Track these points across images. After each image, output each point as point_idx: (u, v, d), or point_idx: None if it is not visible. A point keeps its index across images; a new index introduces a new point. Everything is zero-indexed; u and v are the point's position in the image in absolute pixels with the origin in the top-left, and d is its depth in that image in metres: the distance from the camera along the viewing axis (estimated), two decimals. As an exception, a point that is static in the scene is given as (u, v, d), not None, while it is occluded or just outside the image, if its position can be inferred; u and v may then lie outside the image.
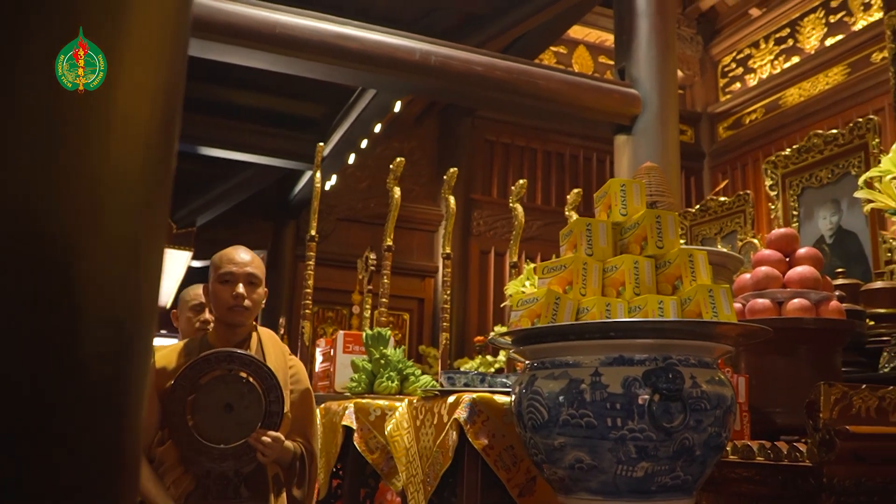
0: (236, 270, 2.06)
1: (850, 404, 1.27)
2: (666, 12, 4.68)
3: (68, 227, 0.39)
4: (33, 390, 0.36)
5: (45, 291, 0.36)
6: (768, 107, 8.28)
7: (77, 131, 0.44)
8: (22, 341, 0.35)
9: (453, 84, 4.15)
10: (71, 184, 0.40)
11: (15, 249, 0.36)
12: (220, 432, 1.91)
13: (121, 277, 0.41)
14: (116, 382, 0.40)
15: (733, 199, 3.48)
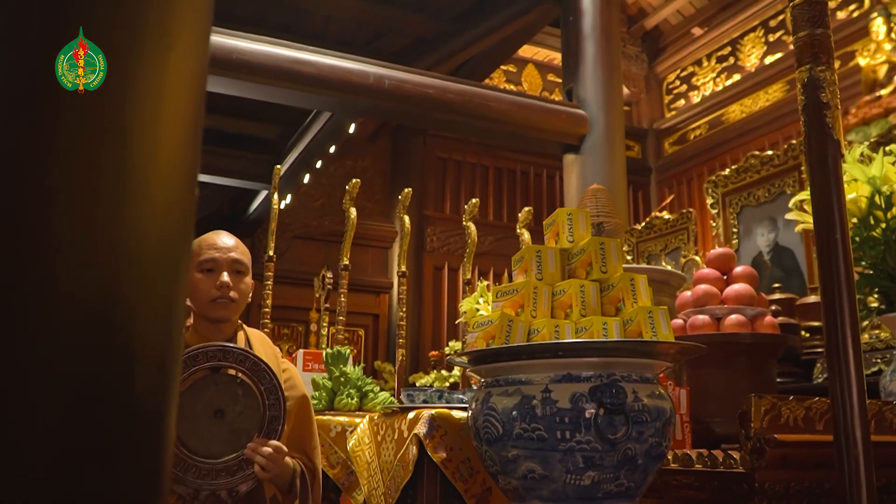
0: (219, 257, 1.78)
1: (778, 414, 1.38)
2: (611, 35, 4.86)
3: (126, 293, 0.46)
4: (104, 421, 0.44)
5: (110, 345, 0.44)
6: (712, 123, 8.59)
7: (129, 201, 0.50)
8: (94, 383, 0.43)
9: (407, 106, 4.24)
10: (127, 254, 0.47)
11: (88, 312, 0.43)
12: (209, 444, 1.61)
13: (161, 327, 0.49)
14: (160, 412, 0.48)
15: (677, 216, 3.63)
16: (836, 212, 0.87)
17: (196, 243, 1.81)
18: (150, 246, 0.51)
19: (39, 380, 0.43)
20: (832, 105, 0.89)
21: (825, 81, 0.90)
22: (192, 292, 1.79)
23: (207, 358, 1.64)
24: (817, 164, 0.90)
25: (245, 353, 1.67)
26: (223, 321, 1.80)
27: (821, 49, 0.91)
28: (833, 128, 0.88)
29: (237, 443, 1.62)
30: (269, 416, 1.66)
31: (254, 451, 1.60)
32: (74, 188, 0.48)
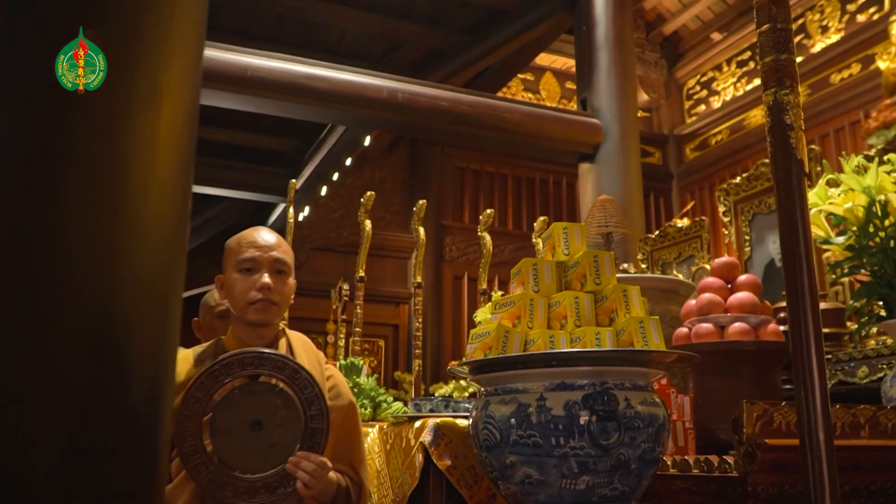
0: (260, 256, 1.66)
1: (770, 420, 1.42)
2: (624, 43, 4.89)
3: (124, 314, 0.53)
4: (101, 424, 0.51)
5: (108, 359, 0.51)
6: (733, 128, 8.56)
7: (128, 228, 0.57)
8: (94, 390, 0.50)
9: (420, 119, 4.32)
10: (125, 279, 0.54)
11: (91, 329, 0.51)
12: (247, 458, 1.48)
13: (156, 343, 0.56)
14: (153, 417, 0.55)
15: (690, 224, 3.65)
16: (800, 226, 0.91)
17: (235, 241, 1.71)
18: (145, 275, 0.57)
19: (48, 387, 0.50)
20: (796, 126, 0.93)
21: (789, 104, 0.94)
22: (231, 293, 1.67)
23: (243, 366, 1.51)
24: (783, 181, 0.94)
25: (284, 359, 1.53)
26: (263, 325, 1.67)
27: (785, 74, 0.95)
28: (796, 147, 0.93)
29: (277, 457, 1.49)
30: (311, 428, 1.52)
31: (295, 465, 1.48)
32: (82, 222, 0.54)
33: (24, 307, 0.49)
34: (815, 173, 3.15)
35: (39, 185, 0.52)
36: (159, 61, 0.59)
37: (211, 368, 1.50)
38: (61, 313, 0.50)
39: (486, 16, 5.37)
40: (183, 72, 0.63)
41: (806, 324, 0.90)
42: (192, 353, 1.70)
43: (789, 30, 0.99)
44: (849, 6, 7.18)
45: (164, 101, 0.60)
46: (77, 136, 0.54)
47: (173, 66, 0.61)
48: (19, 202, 0.50)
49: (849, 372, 2.22)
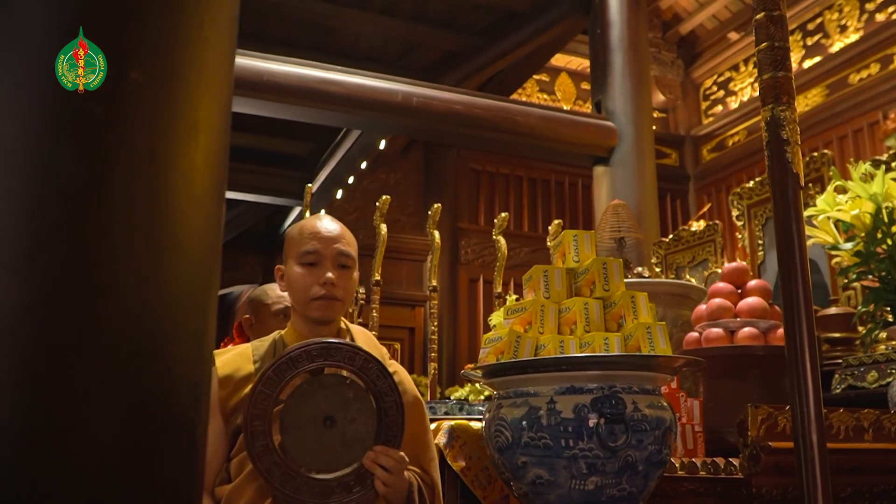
0: (323, 249, 1.57)
1: (775, 423, 1.46)
2: (639, 46, 4.92)
3: (168, 326, 0.59)
4: (150, 427, 0.57)
5: (155, 369, 0.57)
6: (750, 129, 8.53)
7: (171, 250, 0.62)
8: (145, 397, 0.56)
9: (435, 123, 4.38)
10: (170, 294, 0.60)
11: (140, 344, 0.56)
12: (320, 456, 1.39)
13: (196, 352, 0.62)
14: (195, 420, 0.61)
15: (704, 229, 3.68)
16: (796, 238, 0.96)
17: (296, 230, 1.62)
18: (185, 291, 0.63)
19: (103, 394, 0.55)
20: (792, 141, 0.98)
21: (786, 120, 0.99)
22: (292, 288, 1.59)
23: (310, 358, 1.41)
24: (779, 194, 0.99)
25: (354, 349, 1.44)
26: (325, 323, 1.60)
27: (782, 91, 1.00)
28: (792, 162, 0.97)
29: (351, 454, 1.40)
30: (386, 421, 1.44)
31: (373, 461, 1.39)
32: (131, 246, 0.60)
33: (82, 324, 0.54)
34: (826, 178, 3.17)
35: (95, 214, 0.57)
36: (198, 98, 0.65)
37: (277, 363, 1.39)
38: (114, 329, 0.55)
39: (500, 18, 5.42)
40: (217, 105, 0.69)
41: (800, 331, 0.94)
42: (250, 349, 1.61)
43: (787, 48, 1.03)
44: (867, 5, 7.15)
45: (202, 133, 0.65)
46: (126, 169, 0.60)
47: (208, 100, 0.67)
48: (77, 230, 0.55)
49: (858, 376, 2.25)
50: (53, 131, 0.58)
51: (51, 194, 0.56)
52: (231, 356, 1.57)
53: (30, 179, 0.56)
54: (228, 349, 1.62)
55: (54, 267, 0.53)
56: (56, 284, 0.55)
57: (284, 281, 1.63)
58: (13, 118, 0.58)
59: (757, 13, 1.05)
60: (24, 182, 0.56)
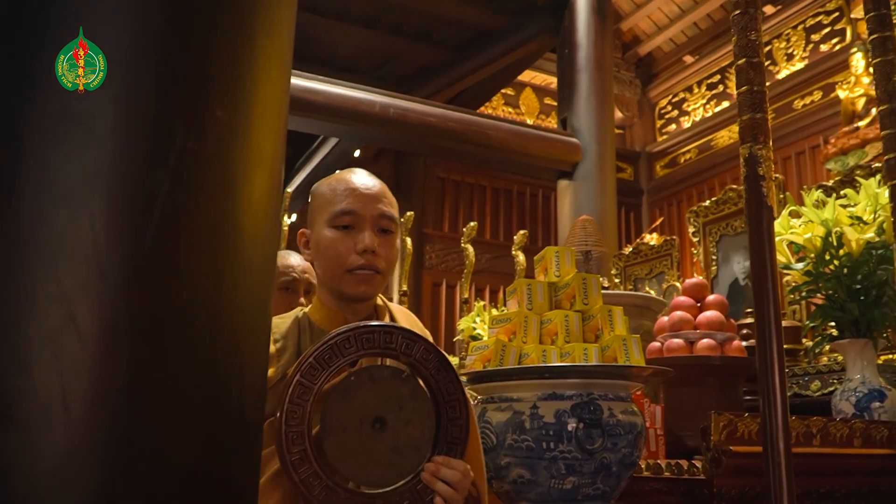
0: (362, 209, 1.28)
1: (735, 429, 1.60)
2: (604, 68, 5.11)
3: (241, 340, 0.67)
4: (225, 430, 0.64)
5: (228, 374, 0.64)
6: (701, 147, 8.84)
7: (238, 265, 0.69)
8: (218, 402, 0.62)
9: (410, 134, 4.49)
10: (235, 309, 0.67)
11: (215, 355, 0.63)
12: (367, 466, 1.12)
13: (259, 360, 0.69)
14: (260, 423, 0.68)
15: (661, 243, 3.85)
16: (769, 264, 1.09)
17: (326, 186, 1.33)
18: (249, 303, 0.72)
19: (180, 399, 0.61)
20: (767, 177, 1.11)
21: (762, 158, 1.12)
22: (322, 255, 1.29)
23: (361, 345, 1.14)
24: (755, 225, 1.12)
25: (410, 335, 1.17)
26: (362, 300, 1.31)
27: (759, 131, 1.13)
28: (767, 196, 1.11)
29: (404, 465, 1.14)
30: (448, 424, 1.18)
31: (433, 474, 1.12)
32: (204, 263, 0.68)
33: (163, 338, 0.60)
34: (778, 201, 3.37)
35: (184, 238, 0.64)
36: (264, 132, 0.73)
37: (320, 349, 1.12)
38: (192, 342, 0.60)
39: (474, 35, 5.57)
40: (277, 136, 0.77)
41: (771, 349, 1.07)
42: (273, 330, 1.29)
43: (764, 92, 1.16)
44: (813, 36, 7.51)
45: (266, 161, 0.74)
46: (206, 196, 0.68)
47: (272, 133, 0.76)
48: (161, 249, 0.61)
49: (803, 385, 2.42)
50: (147, 161, 0.65)
51: (145, 222, 0.62)
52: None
53: (129, 206, 0.62)
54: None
55: (149, 286, 0.60)
56: (147, 303, 0.60)
57: (310, 248, 1.33)
58: (106, 144, 0.63)
59: (738, 59, 1.18)
60: (124, 209, 0.62)
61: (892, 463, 1.69)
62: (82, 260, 0.55)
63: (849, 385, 1.91)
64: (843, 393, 1.91)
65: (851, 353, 1.94)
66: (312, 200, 1.37)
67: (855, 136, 5.64)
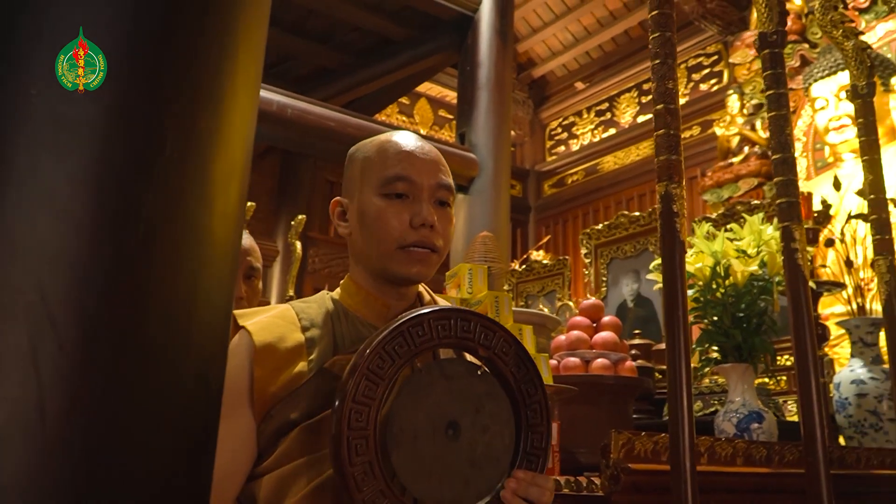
0: (418, 177, 1.08)
1: (633, 447, 1.66)
2: (503, 87, 5.23)
3: (211, 352, 0.63)
4: (197, 438, 0.61)
5: (199, 389, 0.60)
6: (588, 170, 9.23)
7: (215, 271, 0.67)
8: (192, 415, 0.60)
9: (307, 136, 4.40)
10: (213, 320, 0.64)
11: (191, 367, 0.60)
12: (443, 483, 0.90)
13: (220, 375, 0.67)
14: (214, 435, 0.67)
15: (554, 262, 3.98)
16: (679, 294, 1.15)
17: (373, 149, 1.14)
18: (219, 314, 0.68)
19: (154, 410, 0.58)
20: (680, 214, 1.17)
21: (676, 196, 1.18)
22: (367, 228, 1.09)
23: (436, 333, 0.94)
24: (668, 257, 1.18)
25: (490, 323, 0.98)
26: (413, 282, 1.11)
27: (674, 171, 1.19)
28: (679, 231, 1.17)
29: (482, 481, 0.93)
30: (529, 431, 0.98)
31: (515, 492, 0.94)
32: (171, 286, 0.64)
33: (140, 347, 0.57)
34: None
35: (155, 245, 0.59)
36: (238, 142, 0.71)
37: (388, 335, 0.91)
38: (168, 353, 0.58)
39: (376, 42, 5.56)
40: (247, 148, 0.74)
41: (680, 375, 1.12)
42: (293, 311, 1.11)
43: (679, 135, 1.23)
44: (694, 75, 8.03)
45: (238, 172, 0.71)
46: (182, 202, 0.64)
47: (243, 142, 0.73)
48: (142, 258, 0.58)
49: (686, 406, 2.56)
50: (135, 169, 0.61)
51: (130, 230, 0.58)
52: (269, 318, 1.07)
53: (115, 213, 0.58)
54: (253, 309, 1.12)
55: (129, 295, 0.57)
56: (126, 311, 0.58)
57: (348, 220, 1.14)
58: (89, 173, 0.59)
59: (657, 105, 1.24)
60: (110, 216, 0.57)
61: (770, 481, 1.81)
62: (67, 267, 0.52)
63: (731, 406, 2.03)
64: (725, 414, 2.04)
65: (734, 376, 2.07)
66: (352, 165, 1.17)
67: (729, 171, 6.08)
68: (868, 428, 2.19)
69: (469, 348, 0.97)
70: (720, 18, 7.09)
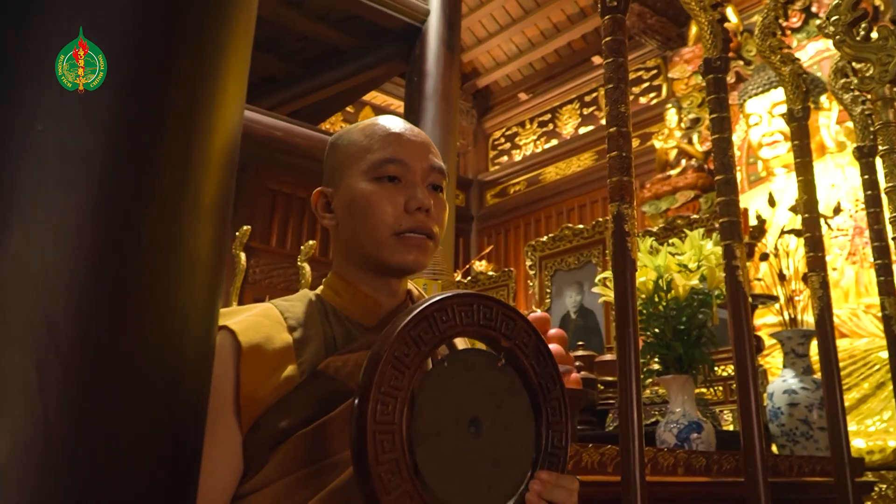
0: (410, 159, 1.02)
1: (580, 458, 1.70)
2: (450, 98, 5.27)
3: (202, 378, 0.64)
4: (187, 461, 0.61)
5: (188, 416, 0.62)
6: (530, 181, 9.36)
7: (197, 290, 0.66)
8: (182, 442, 0.61)
9: (253, 146, 4.35)
10: (204, 348, 0.64)
11: (183, 391, 0.61)
12: (467, 482, 0.83)
13: (205, 401, 0.67)
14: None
15: (499, 274, 4.02)
16: (630, 311, 1.18)
17: (358, 133, 1.07)
18: (207, 341, 0.69)
19: (148, 434, 0.59)
20: (631, 233, 1.21)
21: (628, 216, 1.22)
22: (356, 216, 1.02)
23: (460, 319, 0.86)
24: (619, 275, 1.21)
25: (509, 310, 0.91)
26: (410, 271, 1.04)
27: (626, 192, 1.23)
28: (631, 250, 1.21)
29: (505, 481, 0.87)
30: (549, 429, 0.92)
31: (540, 495, 0.87)
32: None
33: (139, 374, 0.58)
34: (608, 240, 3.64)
35: (154, 272, 0.60)
36: (227, 168, 0.72)
37: (412, 321, 0.82)
38: (163, 379, 0.60)
39: (324, 52, 5.52)
40: (233, 173, 0.76)
41: (631, 390, 1.16)
42: (276, 309, 1.02)
43: (631, 158, 1.27)
44: (634, 88, 8.23)
45: (225, 200, 0.72)
46: (178, 230, 0.64)
47: (230, 168, 0.74)
48: (142, 284, 0.58)
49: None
50: (137, 198, 0.62)
51: (132, 257, 0.61)
52: (253, 317, 0.98)
53: (119, 240, 0.59)
54: (232, 308, 1.02)
55: (129, 321, 0.58)
56: (126, 338, 0.59)
57: (334, 210, 1.06)
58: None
59: (610, 127, 1.28)
60: (114, 244, 0.59)
61: (709, 490, 1.87)
62: (71, 296, 0.53)
63: (672, 417, 2.09)
64: (666, 424, 2.10)
65: (674, 387, 2.14)
66: (335, 152, 1.09)
67: (667, 182, 6.26)
68: (799, 436, 2.28)
69: (491, 338, 0.89)
70: (660, 34, 7.30)
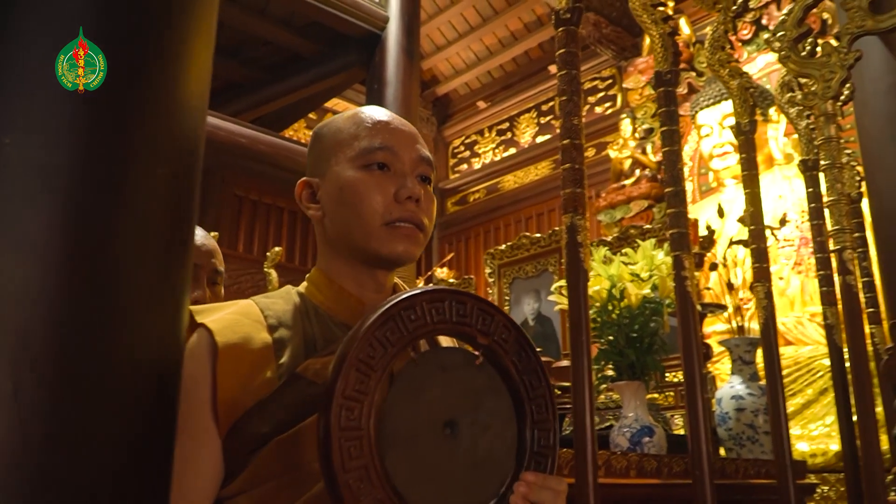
0: (398, 147, 1.00)
1: (536, 462, 1.76)
2: (410, 106, 5.31)
3: (171, 391, 0.66)
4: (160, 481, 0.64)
5: (155, 433, 0.64)
6: (489, 189, 9.45)
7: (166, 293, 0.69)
8: (151, 458, 0.63)
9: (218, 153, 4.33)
10: (174, 359, 0.67)
11: (152, 405, 0.63)
12: (442, 488, 0.79)
13: (173, 419, 0.70)
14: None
15: (460, 281, 4.08)
16: (583, 320, 1.24)
17: (346, 121, 1.04)
18: (176, 354, 0.72)
19: (102, 433, 0.60)
20: (584, 244, 1.27)
21: (580, 227, 1.28)
22: (343, 205, 0.99)
23: (430, 317, 0.82)
24: (573, 286, 1.27)
25: (487, 305, 0.87)
26: (401, 263, 1.00)
27: (579, 203, 1.29)
28: (583, 261, 1.26)
29: (484, 486, 0.83)
30: (535, 429, 0.87)
31: (527, 498, 0.83)
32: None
33: (111, 386, 0.60)
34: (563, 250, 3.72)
35: (124, 287, 0.62)
36: (193, 186, 0.76)
37: (377, 321, 0.78)
38: (134, 392, 0.62)
39: (286, 58, 5.52)
40: (195, 190, 0.79)
41: (583, 396, 1.21)
42: (257, 307, 0.97)
43: (583, 170, 1.33)
44: (590, 98, 8.39)
45: (191, 216, 0.75)
46: (149, 246, 0.67)
47: (193, 187, 0.77)
48: (113, 297, 0.61)
49: (584, 421, 2.69)
50: (108, 212, 0.64)
51: (104, 272, 0.63)
52: (230, 315, 0.93)
53: (89, 255, 0.62)
54: (210, 305, 0.98)
55: (100, 333, 0.61)
56: (97, 351, 0.61)
57: (319, 200, 1.03)
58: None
59: (563, 140, 1.34)
60: (83, 260, 0.62)
61: (659, 492, 1.95)
62: (45, 306, 0.55)
63: (625, 422, 2.16)
64: (620, 428, 2.17)
65: (627, 393, 2.21)
66: (320, 141, 1.06)
67: (622, 192, 6.39)
68: (746, 440, 2.38)
69: (466, 335, 0.85)
70: (615, 44, 7.45)
